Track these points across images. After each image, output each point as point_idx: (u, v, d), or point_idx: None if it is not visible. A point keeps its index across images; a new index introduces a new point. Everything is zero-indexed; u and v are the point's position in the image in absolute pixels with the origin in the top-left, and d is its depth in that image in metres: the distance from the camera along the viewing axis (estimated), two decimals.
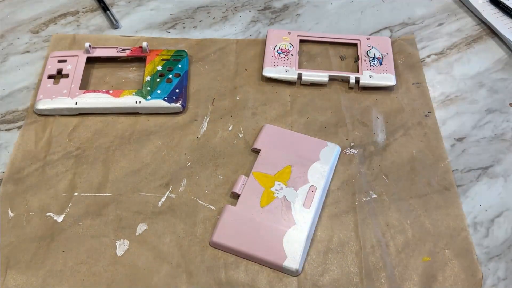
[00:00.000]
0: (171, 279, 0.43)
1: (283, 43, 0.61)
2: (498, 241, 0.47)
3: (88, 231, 0.46)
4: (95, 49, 0.59)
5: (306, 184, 0.48)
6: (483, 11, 0.66)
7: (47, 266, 0.44)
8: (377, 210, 0.48)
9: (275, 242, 0.45)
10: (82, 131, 0.53)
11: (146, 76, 0.57)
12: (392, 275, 0.44)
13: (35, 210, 0.47)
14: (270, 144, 0.51)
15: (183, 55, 0.59)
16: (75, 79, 0.56)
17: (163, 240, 0.46)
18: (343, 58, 0.62)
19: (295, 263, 0.44)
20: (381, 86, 0.58)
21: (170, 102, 0.55)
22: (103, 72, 0.59)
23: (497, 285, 0.44)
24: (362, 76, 0.58)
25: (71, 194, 0.48)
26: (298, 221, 0.46)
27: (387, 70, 0.59)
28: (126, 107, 0.54)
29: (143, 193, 0.49)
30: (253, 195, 0.47)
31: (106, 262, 0.44)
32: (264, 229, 0.45)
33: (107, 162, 0.51)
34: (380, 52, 0.60)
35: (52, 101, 0.54)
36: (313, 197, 0.47)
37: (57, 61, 0.58)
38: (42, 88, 0.56)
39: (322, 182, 0.49)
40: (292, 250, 0.44)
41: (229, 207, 0.47)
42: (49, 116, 0.54)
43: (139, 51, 0.59)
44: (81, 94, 0.55)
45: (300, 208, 0.47)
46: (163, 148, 0.52)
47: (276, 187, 0.48)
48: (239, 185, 0.48)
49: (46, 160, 0.51)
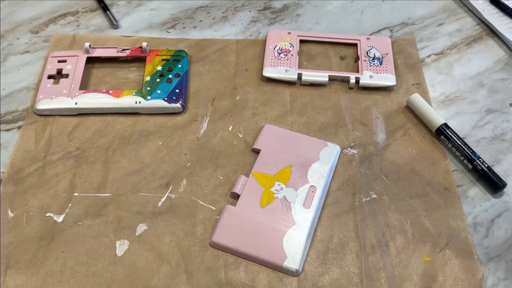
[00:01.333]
0: (171, 279, 0.43)
1: (283, 43, 0.61)
2: (498, 241, 0.47)
3: (88, 231, 0.46)
4: (95, 49, 0.59)
5: (306, 184, 0.48)
6: (483, 11, 0.66)
7: (47, 266, 0.44)
8: (377, 210, 0.48)
9: (275, 242, 0.45)
10: (82, 131, 0.53)
11: (146, 76, 0.57)
12: (392, 275, 0.44)
13: (35, 210, 0.47)
14: (270, 144, 0.51)
15: (183, 55, 0.59)
16: (75, 79, 0.56)
17: (163, 240, 0.46)
18: (343, 58, 0.62)
19: (295, 263, 0.44)
20: (381, 86, 0.58)
21: (170, 102, 0.55)
22: (103, 72, 0.59)
23: (497, 285, 0.44)
24: (362, 76, 0.58)
25: (71, 194, 0.48)
26: (298, 221, 0.46)
27: (387, 70, 0.59)
28: (126, 107, 0.54)
29: (143, 193, 0.49)
30: (253, 195, 0.47)
31: (106, 263, 0.44)
32: (264, 230, 0.45)
33: (107, 162, 0.51)
34: (380, 52, 0.60)
35: (52, 101, 0.54)
36: (313, 197, 0.47)
37: (57, 61, 0.58)
38: (42, 88, 0.56)
39: (322, 182, 0.49)
40: (292, 251, 0.44)
41: (229, 207, 0.47)
42: (49, 116, 0.54)
43: (139, 51, 0.59)
44: (81, 94, 0.55)
45: (300, 208, 0.47)
46: (163, 148, 0.52)
47: (276, 187, 0.48)
48: (239, 185, 0.48)
49: (46, 160, 0.51)
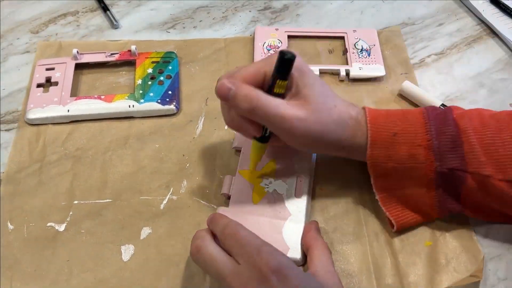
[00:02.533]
0: (179, 280, 0.43)
1: (271, 39, 0.62)
2: (498, 241, 0.47)
3: (91, 238, 0.46)
4: (83, 55, 0.59)
5: (293, 174, 0.49)
6: (483, 11, 0.67)
7: (53, 276, 0.43)
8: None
9: (275, 236, 0.45)
10: (76, 138, 0.53)
11: (137, 80, 0.57)
12: (396, 261, 0.45)
13: (35, 221, 0.46)
14: (249, 141, 0.51)
15: (173, 57, 0.59)
16: (65, 86, 0.56)
17: (168, 242, 0.45)
18: (332, 51, 0.62)
19: (297, 253, 0.44)
20: (371, 77, 0.59)
21: (164, 104, 0.54)
22: (92, 78, 0.58)
23: (497, 285, 0.44)
24: (352, 68, 0.59)
25: (70, 202, 0.48)
26: (293, 211, 0.46)
27: (375, 61, 0.60)
28: (119, 112, 0.54)
29: (144, 197, 0.48)
30: (244, 194, 0.47)
31: (113, 268, 0.44)
32: (262, 225, 0.45)
33: (104, 168, 0.50)
34: (367, 44, 0.61)
35: (43, 110, 0.53)
36: (302, 186, 0.48)
37: (45, 69, 0.57)
38: (31, 97, 0.55)
39: (308, 169, 0.49)
40: (293, 241, 0.44)
41: (222, 208, 0.46)
42: (41, 125, 0.54)
43: (128, 54, 0.59)
44: (72, 101, 0.54)
45: (292, 198, 0.47)
46: (161, 150, 0.52)
47: (265, 182, 0.48)
48: (227, 185, 0.48)
49: (42, 169, 0.50)
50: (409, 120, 0.44)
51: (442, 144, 0.43)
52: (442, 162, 0.43)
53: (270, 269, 0.35)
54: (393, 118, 0.44)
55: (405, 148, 0.43)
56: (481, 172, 0.42)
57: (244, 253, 0.37)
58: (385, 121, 0.44)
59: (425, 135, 0.43)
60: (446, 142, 0.43)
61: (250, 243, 0.38)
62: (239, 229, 0.39)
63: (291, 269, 0.36)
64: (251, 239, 0.38)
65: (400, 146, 0.43)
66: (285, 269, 0.35)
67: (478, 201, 0.44)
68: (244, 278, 0.36)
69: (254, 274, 0.35)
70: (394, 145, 0.43)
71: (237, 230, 0.39)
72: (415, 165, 0.43)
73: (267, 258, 0.36)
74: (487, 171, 0.42)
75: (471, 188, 0.43)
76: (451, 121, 0.44)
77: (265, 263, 0.35)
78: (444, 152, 0.42)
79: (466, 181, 0.43)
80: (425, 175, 0.43)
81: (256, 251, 0.36)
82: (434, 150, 0.42)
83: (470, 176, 0.42)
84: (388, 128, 0.43)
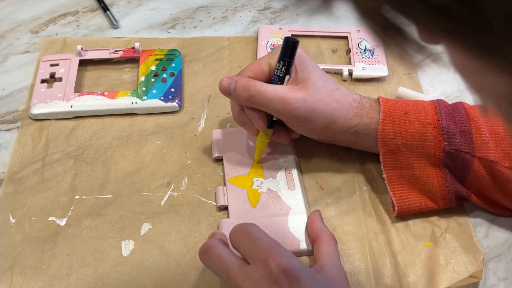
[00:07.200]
0: (179, 277, 0.43)
1: (275, 38, 0.62)
2: (498, 241, 0.47)
3: (92, 233, 0.46)
4: (87, 52, 0.59)
5: (281, 169, 0.49)
6: None
7: (53, 270, 0.44)
8: (375, 195, 0.49)
9: (282, 232, 0.45)
10: (79, 133, 0.53)
11: (140, 77, 0.57)
12: (396, 261, 0.45)
13: (36, 215, 0.47)
14: (227, 148, 0.51)
15: (176, 54, 0.59)
16: (69, 82, 0.56)
17: (168, 238, 0.46)
18: (335, 51, 0.62)
19: (308, 243, 0.45)
20: (374, 77, 0.58)
21: (167, 102, 0.55)
22: (96, 75, 0.59)
23: (497, 285, 0.44)
24: (354, 68, 0.59)
25: (72, 197, 0.48)
26: (292, 204, 0.47)
27: (379, 61, 0.59)
28: (122, 108, 0.54)
29: (145, 193, 0.49)
30: (240, 200, 0.47)
31: (113, 263, 0.44)
32: (267, 226, 0.45)
33: (106, 164, 0.51)
34: (370, 44, 0.61)
35: (47, 105, 0.54)
36: (293, 178, 0.48)
37: (49, 65, 0.58)
38: (35, 92, 0.55)
39: (292, 161, 0.50)
40: (301, 233, 0.45)
41: (224, 221, 0.46)
42: (45, 120, 0.54)
43: (132, 51, 0.59)
44: (76, 97, 0.55)
45: (287, 192, 0.48)
46: (162, 147, 0.52)
47: (256, 184, 0.49)
48: (221, 196, 0.47)
49: (44, 164, 0.50)
50: (420, 104, 0.46)
51: (451, 127, 0.44)
52: (450, 143, 0.44)
53: (282, 271, 0.35)
54: (404, 101, 0.47)
55: (416, 126, 0.45)
56: (489, 158, 0.43)
57: (255, 253, 0.37)
58: (397, 102, 0.46)
59: (435, 116, 0.45)
60: (455, 126, 0.44)
61: (261, 243, 0.38)
62: (251, 227, 0.40)
63: (302, 271, 0.36)
64: (263, 238, 0.38)
65: (411, 123, 0.45)
66: (297, 271, 0.35)
67: (484, 188, 0.45)
68: (255, 278, 0.35)
69: (265, 275, 0.35)
70: (405, 123, 0.45)
71: (249, 229, 0.39)
72: (424, 143, 0.44)
73: (279, 259, 0.36)
74: (494, 157, 0.43)
75: (477, 172, 0.44)
76: (462, 109, 0.46)
77: (277, 264, 0.35)
78: (452, 133, 0.44)
79: (473, 164, 0.44)
80: (433, 154, 0.45)
81: (268, 252, 0.36)
82: (443, 130, 0.44)
83: (478, 160, 0.43)
84: (400, 107, 0.46)
